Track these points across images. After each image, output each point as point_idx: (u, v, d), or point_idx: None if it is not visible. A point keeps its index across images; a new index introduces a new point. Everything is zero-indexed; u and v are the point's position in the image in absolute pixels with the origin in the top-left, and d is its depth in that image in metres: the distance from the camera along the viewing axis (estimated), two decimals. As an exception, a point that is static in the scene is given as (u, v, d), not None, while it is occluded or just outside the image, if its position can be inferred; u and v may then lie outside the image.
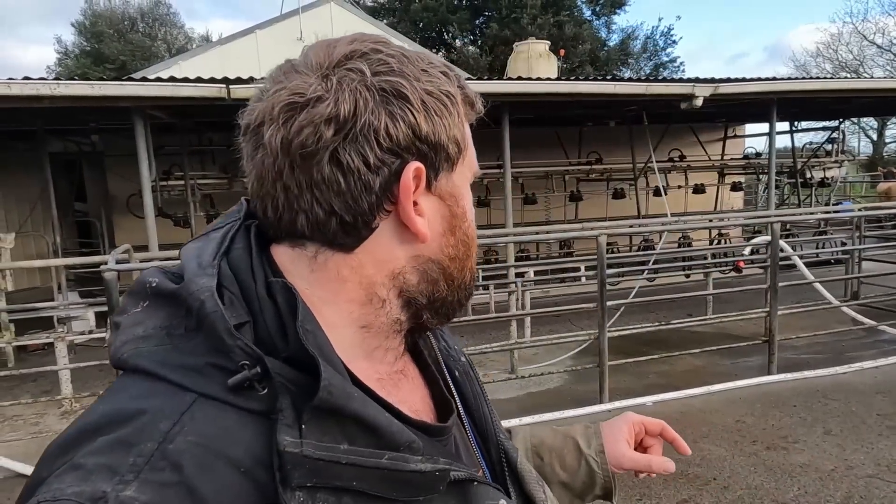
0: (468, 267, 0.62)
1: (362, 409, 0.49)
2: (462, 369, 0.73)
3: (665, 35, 26.86)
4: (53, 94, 4.23)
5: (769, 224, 5.07)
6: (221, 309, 0.49)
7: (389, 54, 0.55)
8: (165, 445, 0.45)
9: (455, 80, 0.59)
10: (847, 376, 5.30)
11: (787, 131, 10.44)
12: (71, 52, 26.46)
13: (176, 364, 0.49)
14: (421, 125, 0.54)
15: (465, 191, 0.61)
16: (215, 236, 0.58)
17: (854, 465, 3.73)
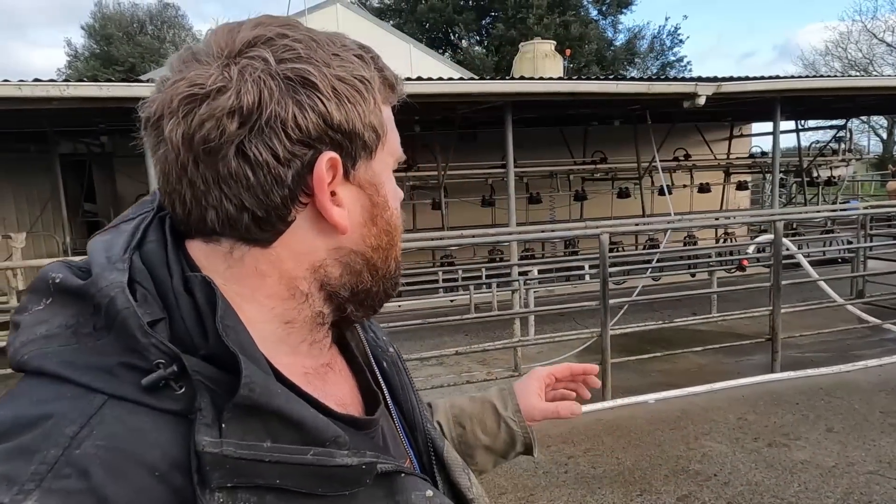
0: (392, 256, 0.61)
1: (286, 405, 0.48)
2: (390, 360, 0.73)
3: (672, 34, 26.85)
4: (63, 95, 4.30)
5: (773, 223, 5.07)
6: (133, 305, 0.47)
7: (296, 39, 0.52)
8: (71, 451, 0.42)
9: (371, 63, 0.57)
10: (850, 374, 5.29)
11: (793, 130, 10.42)
12: (81, 55, 26.74)
13: (84, 364, 0.46)
14: (332, 113, 0.52)
15: (386, 178, 0.60)
16: (126, 228, 0.55)
17: (855, 462, 3.73)
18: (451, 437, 0.92)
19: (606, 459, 3.95)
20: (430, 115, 7.04)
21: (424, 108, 6.38)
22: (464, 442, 0.92)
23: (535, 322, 6.80)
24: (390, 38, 11.90)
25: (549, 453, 4.10)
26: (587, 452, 4.08)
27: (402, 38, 12.46)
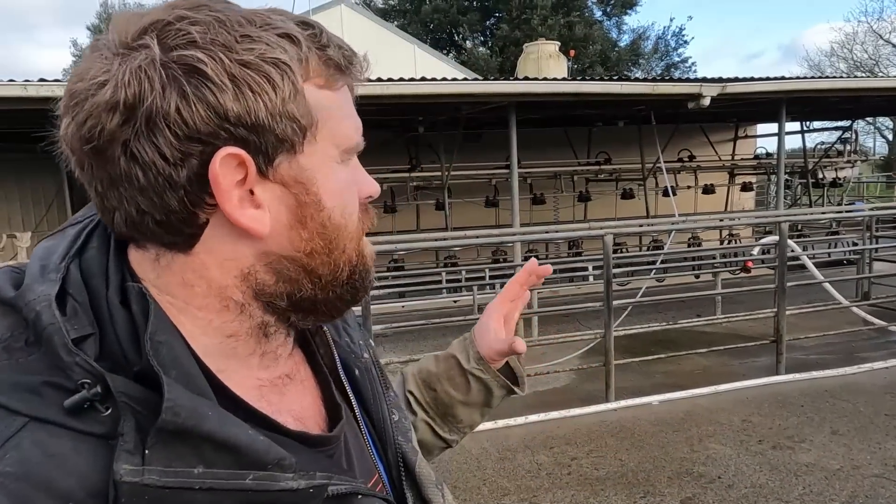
0: (342, 261, 0.55)
1: (218, 428, 0.44)
2: (363, 367, 0.68)
3: (676, 35, 26.77)
4: (69, 95, 4.28)
5: (777, 224, 5.05)
6: (59, 321, 0.44)
7: (195, 21, 0.47)
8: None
9: (304, 43, 0.50)
10: (856, 377, 5.27)
11: (799, 131, 10.39)
12: (86, 55, 26.85)
13: (8, 383, 0.44)
14: (227, 105, 0.46)
15: (320, 174, 0.52)
16: (70, 233, 0.53)
17: (860, 465, 3.72)
18: (426, 401, 0.89)
19: (609, 461, 3.94)
20: (435, 115, 7.05)
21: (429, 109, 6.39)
22: (439, 403, 0.89)
23: (540, 323, 6.79)
24: (395, 38, 11.91)
25: (552, 454, 4.10)
26: (590, 454, 4.07)
27: (407, 38, 12.47)
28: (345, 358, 0.67)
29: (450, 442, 0.91)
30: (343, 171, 0.55)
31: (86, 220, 0.54)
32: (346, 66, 0.54)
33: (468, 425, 0.91)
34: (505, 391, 0.89)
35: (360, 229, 0.58)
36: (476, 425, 0.92)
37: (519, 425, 4.58)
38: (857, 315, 6.59)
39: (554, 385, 5.58)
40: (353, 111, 0.57)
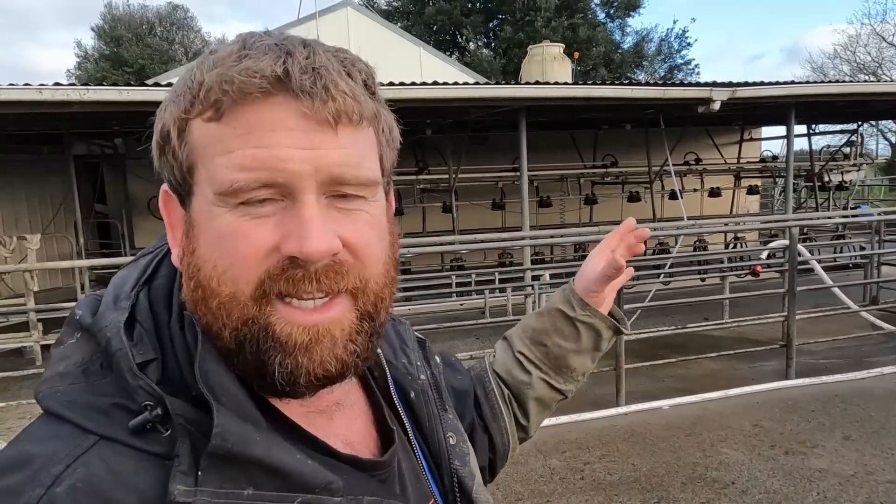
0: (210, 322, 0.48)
1: (265, 453, 0.45)
2: (419, 388, 0.66)
3: (680, 37, 26.77)
4: (83, 99, 4.35)
5: (787, 228, 5.05)
6: (126, 346, 0.47)
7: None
8: (53, 490, 0.42)
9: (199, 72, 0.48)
10: (866, 382, 5.26)
11: (805, 134, 10.38)
12: (91, 56, 26.90)
13: (83, 405, 0.46)
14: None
15: (199, 219, 0.48)
16: (142, 263, 0.55)
17: (874, 471, 3.71)
18: (537, 357, 0.89)
19: (622, 466, 3.94)
20: (442, 118, 7.05)
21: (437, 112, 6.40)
22: (551, 356, 0.89)
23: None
24: (400, 40, 11.92)
25: (565, 459, 4.10)
26: (602, 458, 4.07)
27: (412, 40, 12.47)
28: (400, 380, 0.65)
29: (566, 392, 0.91)
30: (226, 219, 0.47)
31: (156, 249, 0.56)
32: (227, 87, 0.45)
33: (581, 372, 0.92)
34: (612, 332, 0.90)
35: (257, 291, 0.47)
36: (588, 371, 0.93)
37: (529, 429, 4.58)
38: (866, 319, 6.58)
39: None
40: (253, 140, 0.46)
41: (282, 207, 0.47)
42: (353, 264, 0.49)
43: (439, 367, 0.74)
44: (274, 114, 0.45)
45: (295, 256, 0.46)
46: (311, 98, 0.45)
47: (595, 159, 10.14)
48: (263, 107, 0.45)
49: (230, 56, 0.46)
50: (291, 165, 0.45)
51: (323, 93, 0.45)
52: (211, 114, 0.46)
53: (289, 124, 0.45)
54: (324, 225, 0.46)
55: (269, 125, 0.45)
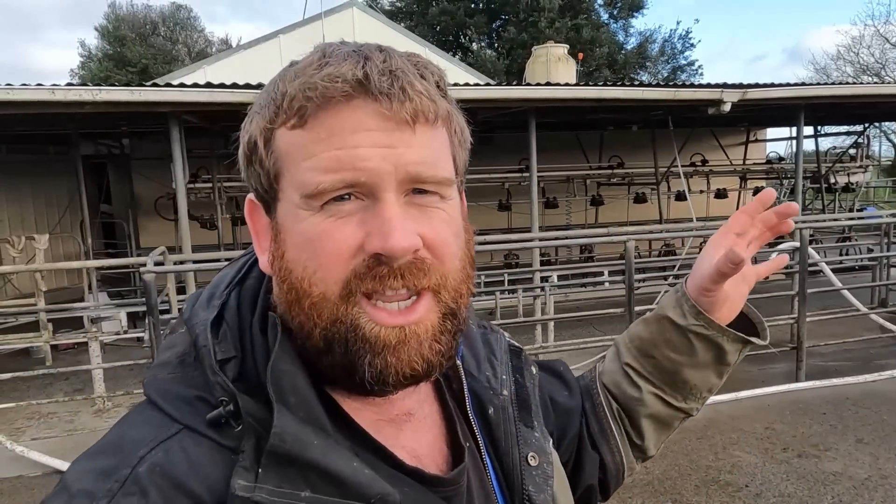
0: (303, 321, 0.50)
1: (321, 458, 0.46)
2: (500, 404, 0.63)
3: (683, 38, 26.74)
4: (95, 99, 4.35)
5: (798, 230, 5.04)
6: (210, 343, 0.50)
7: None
8: (137, 470, 0.45)
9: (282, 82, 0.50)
10: (877, 384, 5.24)
11: (812, 136, 10.36)
12: (94, 56, 26.93)
13: (174, 395, 0.50)
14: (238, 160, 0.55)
15: (286, 223, 0.50)
16: (239, 263, 0.59)
17: (888, 475, 3.69)
18: (647, 371, 0.78)
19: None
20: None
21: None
22: (663, 370, 0.77)
23: (555, 328, 6.79)
24: (404, 40, 11.91)
25: (576, 461, 4.09)
26: (615, 461, 4.06)
27: (417, 40, 12.47)
28: (480, 393, 0.62)
29: (688, 411, 0.79)
30: (312, 221, 0.48)
31: (252, 251, 0.58)
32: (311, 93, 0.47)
33: (706, 389, 0.78)
34: (741, 343, 0.75)
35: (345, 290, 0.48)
36: (716, 387, 0.79)
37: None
38: (875, 321, 6.56)
39: (572, 391, 5.56)
40: (336, 142, 0.47)
41: (363, 207, 0.48)
42: (432, 262, 0.49)
43: (535, 378, 0.69)
44: (355, 116, 0.47)
45: (379, 253, 0.47)
46: (390, 99, 0.47)
47: (601, 160, 10.13)
48: (345, 110, 0.47)
49: (311, 65, 0.48)
50: (372, 164, 0.46)
51: (400, 94, 0.47)
52: (295, 121, 0.48)
53: (369, 125, 0.47)
54: (405, 223, 0.47)
55: (350, 127, 0.47)
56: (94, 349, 5.25)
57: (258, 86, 5.09)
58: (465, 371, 0.62)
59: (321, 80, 0.46)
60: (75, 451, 3.09)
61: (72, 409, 5.38)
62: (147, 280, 3.73)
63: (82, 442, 4.66)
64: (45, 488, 4.00)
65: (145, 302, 3.81)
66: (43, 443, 4.56)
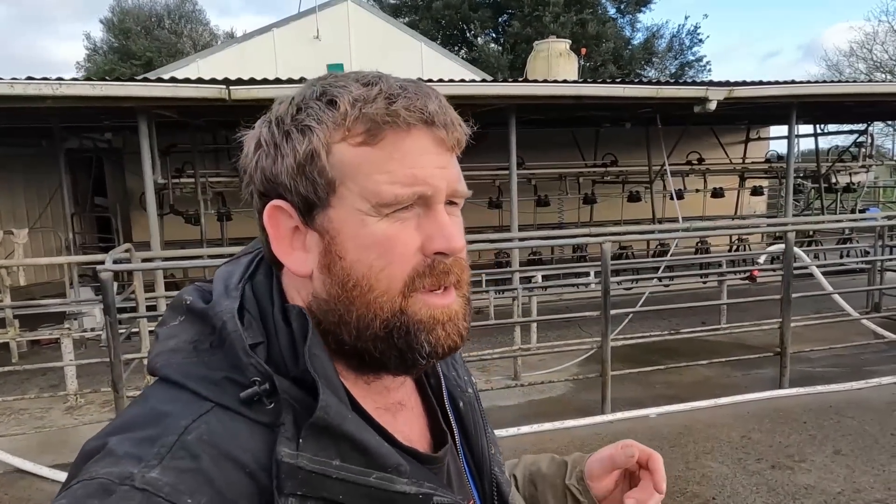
0: (363, 313, 0.56)
1: (356, 430, 0.54)
2: (467, 400, 0.73)
3: (691, 34, 26.38)
4: (56, 94, 4.28)
5: (784, 232, 4.89)
6: (240, 329, 0.55)
7: (281, 100, 0.60)
8: (185, 438, 0.50)
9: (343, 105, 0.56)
10: (863, 392, 5.10)
11: (812, 134, 10.13)
12: (100, 49, 27.02)
13: (198, 376, 0.55)
14: (269, 168, 0.58)
15: (346, 227, 0.56)
16: (244, 261, 0.65)
17: (862, 489, 3.57)
18: (523, 494, 0.86)
19: (601, 478, 3.82)
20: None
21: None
22: (533, 503, 0.86)
23: (540, 328, 6.68)
24: (402, 36, 11.79)
25: (543, 469, 3.99)
26: (582, 469, 3.96)
27: (415, 36, 12.33)
28: (451, 390, 0.72)
29: None
30: (379, 226, 0.56)
31: (255, 250, 0.65)
32: (389, 118, 0.55)
33: None
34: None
35: (406, 285, 0.57)
36: None
37: (510, 436, 4.48)
38: (868, 327, 6.40)
39: (550, 394, 5.46)
40: (408, 162, 0.56)
41: (417, 215, 0.57)
42: (464, 260, 0.61)
43: (475, 386, 0.79)
44: (421, 141, 0.57)
45: (442, 252, 0.57)
46: (446, 129, 0.58)
47: (595, 158, 9.97)
48: (412, 135, 0.56)
49: (380, 95, 0.56)
50: (435, 182, 0.57)
51: (451, 125, 0.58)
52: (363, 139, 0.56)
53: (430, 149, 0.57)
54: (456, 228, 0.59)
55: (419, 150, 0.57)
56: (66, 346, 5.22)
57: (224, 81, 5.02)
58: (440, 371, 0.72)
59: (403, 110, 0.55)
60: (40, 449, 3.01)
61: (44, 405, 5.35)
62: (104, 278, 3.66)
63: (48, 441, 4.63)
64: (7, 487, 3.96)
65: (102, 300, 3.74)
66: (9, 440, 4.51)
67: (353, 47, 11.08)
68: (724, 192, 9.86)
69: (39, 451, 4.35)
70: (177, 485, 0.48)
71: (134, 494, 0.47)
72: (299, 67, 10.48)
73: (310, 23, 10.98)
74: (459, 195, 0.60)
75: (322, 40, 10.96)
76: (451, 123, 0.58)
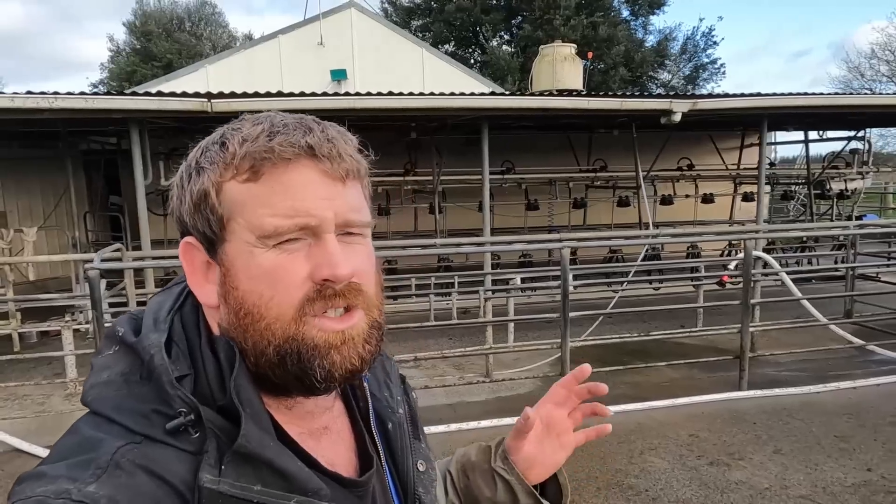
0: (257, 341, 0.60)
1: (276, 457, 0.57)
2: (396, 421, 0.75)
3: (706, 36, 26.25)
4: (52, 106, 4.67)
5: (744, 241, 5.08)
6: (167, 362, 0.58)
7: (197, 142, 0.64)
8: (119, 458, 0.53)
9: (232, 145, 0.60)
10: (820, 395, 5.26)
11: (801, 141, 10.18)
12: (122, 50, 27.78)
13: (128, 409, 0.57)
14: (176, 208, 0.64)
15: (239, 260, 0.60)
16: (175, 291, 0.67)
17: (790, 486, 3.76)
18: (458, 487, 0.89)
19: (546, 469, 4.06)
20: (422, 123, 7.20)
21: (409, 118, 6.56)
22: (469, 494, 0.89)
23: (520, 329, 6.92)
24: (404, 42, 12.07)
25: (495, 460, 4.24)
26: (530, 461, 4.20)
27: (416, 42, 12.61)
28: (380, 411, 0.75)
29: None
30: (266, 257, 0.59)
31: (185, 281, 0.67)
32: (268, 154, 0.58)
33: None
34: (532, 500, 0.85)
35: (298, 312, 0.59)
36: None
37: (471, 429, 4.74)
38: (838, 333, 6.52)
39: (518, 391, 5.70)
40: (290, 195, 0.58)
41: (307, 244, 0.60)
42: (359, 286, 0.62)
43: (415, 401, 0.82)
44: (304, 174, 0.59)
45: (328, 280, 0.59)
46: (330, 161, 0.60)
47: (588, 162, 10.15)
48: (295, 168, 0.59)
49: (262, 133, 0.60)
50: (320, 213, 0.59)
51: (338, 157, 0.60)
52: (247, 176, 0.59)
53: (315, 181, 0.59)
54: (345, 255, 0.60)
55: (300, 183, 0.59)
56: (66, 337, 5.61)
57: (206, 94, 5.36)
58: (370, 392, 0.75)
59: (278, 145, 0.58)
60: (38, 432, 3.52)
61: (46, 392, 5.76)
62: (91, 276, 4.01)
63: (46, 424, 5.01)
64: (3, 465, 4.34)
65: (90, 296, 4.09)
66: (11, 423, 4.91)
67: (356, 53, 11.40)
68: (715, 198, 9.97)
69: (38, 434, 4.72)
70: (114, 496, 0.51)
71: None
72: (303, 73, 10.87)
73: (314, 29, 11.33)
74: (354, 224, 0.62)
75: (326, 47, 11.30)
76: (336, 155, 0.60)
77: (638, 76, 23.79)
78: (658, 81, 25.63)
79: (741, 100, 6.49)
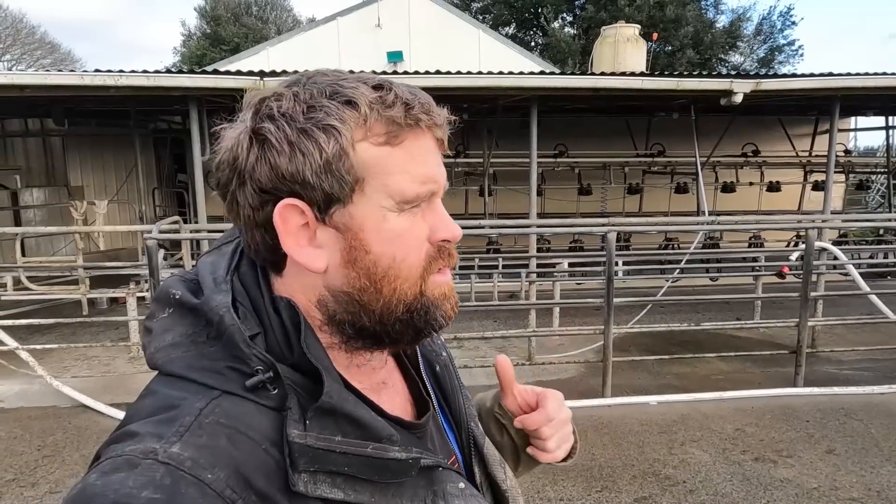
0: (388, 299, 0.62)
1: (354, 409, 0.59)
2: (442, 363, 0.80)
3: (784, 15, 24.71)
4: (117, 84, 4.94)
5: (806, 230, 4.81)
6: (238, 322, 0.58)
7: (280, 96, 0.59)
8: (201, 419, 0.55)
9: (363, 107, 0.58)
10: (883, 397, 4.95)
11: (884, 127, 9.45)
12: (193, 35, 28.90)
13: (201, 367, 0.58)
14: (283, 166, 0.58)
15: (369, 223, 0.60)
16: (226, 251, 0.67)
17: (840, 487, 3.57)
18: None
19: (581, 454, 3.99)
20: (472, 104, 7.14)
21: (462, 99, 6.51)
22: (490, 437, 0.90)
23: (566, 314, 6.83)
24: (460, 23, 11.98)
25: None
26: (566, 445, 4.16)
27: (473, 23, 12.49)
28: (427, 355, 0.80)
29: None
30: (398, 220, 0.61)
31: (235, 240, 0.68)
32: (411, 122, 0.59)
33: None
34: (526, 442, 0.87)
35: (424, 271, 0.62)
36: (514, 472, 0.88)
37: (508, 411, 4.73)
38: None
39: (560, 376, 5.65)
40: (422, 161, 0.61)
41: (422, 208, 0.63)
42: None
43: (448, 350, 0.86)
44: (428, 142, 0.62)
45: (448, 240, 0.64)
46: (441, 130, 0.64)
47: (647, 147, 9.82)
48: (424, 136, 0.62)
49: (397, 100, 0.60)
50: (442, 180, 0.64)
51: (445, 127, 0.64)
52: (384, 139, 0.59)
53: (433, 149, 0.63)
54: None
55: (427, 150, 0.62)
56: (130, 304, 5.96)
57: (259, 72, 5.51)
58: None
59: (423, 115, 0.60)
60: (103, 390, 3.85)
61: (112, 354, 6.16)
62: (149, 245, 4.24)
63: (110, 384, 5.37)
64: (71, 418, 4.69)
65: (147, 264, 4.32)
66: (79, 380, 5.29)
67: (413, 35, 11.42)
68: (782, 187, 9.44)
69: (102, 392, 5.07)
70: (197, 459, 0.52)
71: (157, 467, 0.51)
72: (361, 55, 10.99)
73: (371, 11, 11.41)
74: (445, 189, 0.66)
75: (383, 28, 11.37)
76: (444, 124, 0.63)
77: (707, 58, 22.70)
78: (729, 64, 24.36)
79: (809, 80, 6.06)
